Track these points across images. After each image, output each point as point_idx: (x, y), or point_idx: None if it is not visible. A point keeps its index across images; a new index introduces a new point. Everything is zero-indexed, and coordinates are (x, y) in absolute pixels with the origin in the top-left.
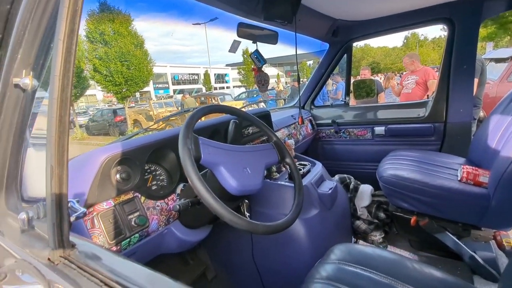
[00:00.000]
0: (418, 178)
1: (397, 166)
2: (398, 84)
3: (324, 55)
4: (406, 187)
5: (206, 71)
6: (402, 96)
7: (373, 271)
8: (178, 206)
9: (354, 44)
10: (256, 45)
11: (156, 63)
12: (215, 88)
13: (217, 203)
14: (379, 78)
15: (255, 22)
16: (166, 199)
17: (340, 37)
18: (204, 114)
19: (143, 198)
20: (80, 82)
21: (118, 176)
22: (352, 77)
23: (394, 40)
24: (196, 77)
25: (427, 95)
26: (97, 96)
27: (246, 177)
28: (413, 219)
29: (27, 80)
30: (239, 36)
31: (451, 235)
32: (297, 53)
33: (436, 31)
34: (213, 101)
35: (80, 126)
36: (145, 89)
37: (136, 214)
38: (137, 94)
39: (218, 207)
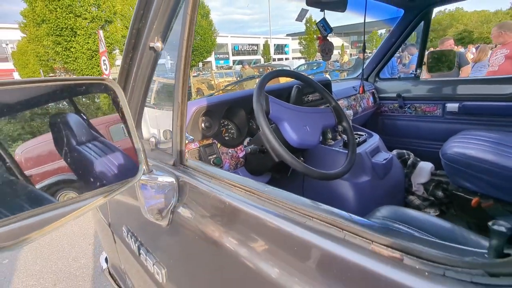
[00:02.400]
0: (489, 158)
1: (466, 145)
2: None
3: (397, 22)
4: (472, 166)
5: (266, 41)
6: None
7: (421, 231)
8: (249, 149)
9: (441, 8)
10: (324, 13)
11: (219, 33)
12: (274, 59)
13: (281, 147)
14: (468, 50)
15: None
16: (235, 148)
17: (417, 1)
18: (273, 77)
19: (219, 145)
20: None
21: (203, 124)
22: (432, 49)
23: (497, 1)
24: (255, 48)
25: None
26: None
27: (305, 133)
28: (475, 199)
29: (158, 44)
30: (308, 5)
31: None
32: (366, 21)
33: None
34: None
35: None
36: (207, 59)
37: (214, 156)
38: (200, 64)
39: (281, 150)
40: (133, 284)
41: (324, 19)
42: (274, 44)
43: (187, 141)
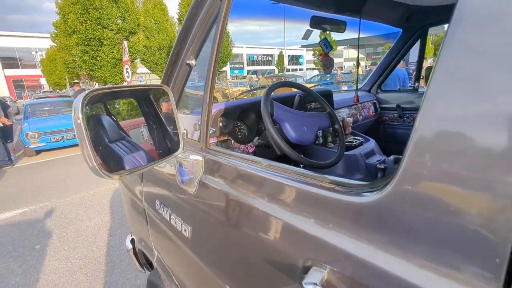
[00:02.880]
0: None
1: None
2: None
3: (396, 40)
4: None
5: (280, 52)
6: None
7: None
8: (257, 143)
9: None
10: (326, 33)
11: (235, 44)
12: (288, 70)
13: (281, 141)
14: None
15: (326, 14)
16: (246, 145)
17: (414, 22)
18: (278, 87)
19: (233, 141)
20: None
21: (220, 124)
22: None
23: None
24: (270, 58)
25: None
26: None
27: (302, 132)
28: None
29: (193, 61)
30: (311, 27)
31: None
32: (377, 35)
33: None
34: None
35: None
36: (223, 68)
37: (229, 150)
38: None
39: (281, 143)
40: (159, 252)
41: (326, 39)
42: (288, 55)
43: (210, 132)
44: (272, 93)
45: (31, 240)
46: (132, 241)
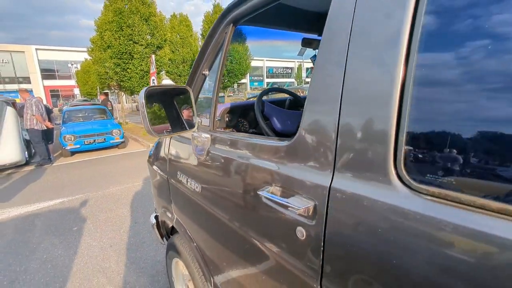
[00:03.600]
0: None
1: None
2: None
3: None
4: None
5: (299, 65)
6: None
7: None
8: (251, 131)
9: None
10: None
11: (254, 57)
12: (306, 82)
13: (267, 128)
14: None
15: (316, 36)
16: None
17: None
18: (269, 91)
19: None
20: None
21: (227, 118)
22: None
23: None
24: (289, 71)
25: None
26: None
27: (286, 125)
28: None
29: (206, 72)
30: (302, 46)
31: None
32: None
33: None
34: (300, 94)
35: None
36: (242, 80)
37: None
38: (235, 85)
39: (267, 129)
40: (177, 214)
41: (315, 55)
42: (307, 68)
43: (216, 120)
44: (273, 97)
45: (69, 223)
46: (156, 217)
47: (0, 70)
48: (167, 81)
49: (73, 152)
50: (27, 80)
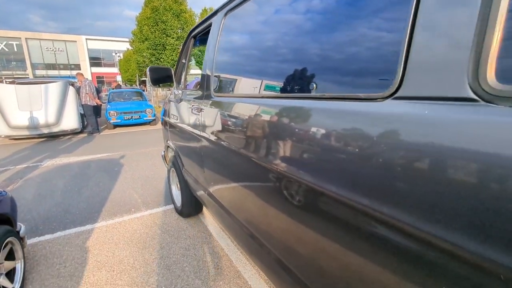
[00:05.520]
0: None
1: None
2: None
3: None
4: None
5: None
6: None
7: None
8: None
9: None
10: None
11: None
12: None
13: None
14: None
15: None
16: None
17: None
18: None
19: None
20: None
21: (187, 82)
22: None
23: None
24: None
25: None
26: None
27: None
28: None
29: (184, 61)
30: None
31: None
32: None
33: None
34: None
35: None
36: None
37: None
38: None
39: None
40: (175, 145)
41: None
42: None
43: (186, 85)
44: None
45: (112, 166)
46: (163, 153)
47: (56, 58)
48: (194, 71)
49: (115, 126)
50: (77, 67)
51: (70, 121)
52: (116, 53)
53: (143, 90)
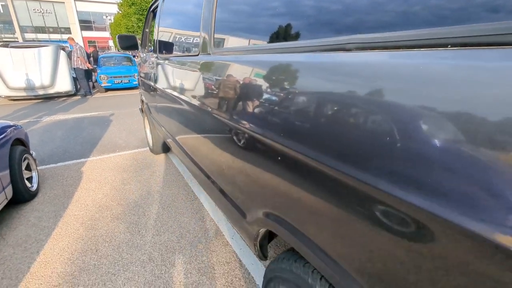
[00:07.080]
0: None
1: None
2: None
3: None
4: None
5: None
6: None
7: None
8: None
9: None
10: None
11: None
12: None
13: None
14: None
15: None
16: None
17: None
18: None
19: None
20: None
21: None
22: None
23: None
24: None
25: None
26: None
27: None
28: None
29: (147, 30)
30: None
31: None
32: None
33: None
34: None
35: None
36: None
37: None
38: None
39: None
40: (147, 101)
41: None
42: None
43: (147, 48)
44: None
45: (103, 121)
46: (140, 106)
47: (45, 20)
48: None
49: (106, 90)
50: (68, 30)
51: (64, 83)
52: (106, 16)
53: (135, 56)
